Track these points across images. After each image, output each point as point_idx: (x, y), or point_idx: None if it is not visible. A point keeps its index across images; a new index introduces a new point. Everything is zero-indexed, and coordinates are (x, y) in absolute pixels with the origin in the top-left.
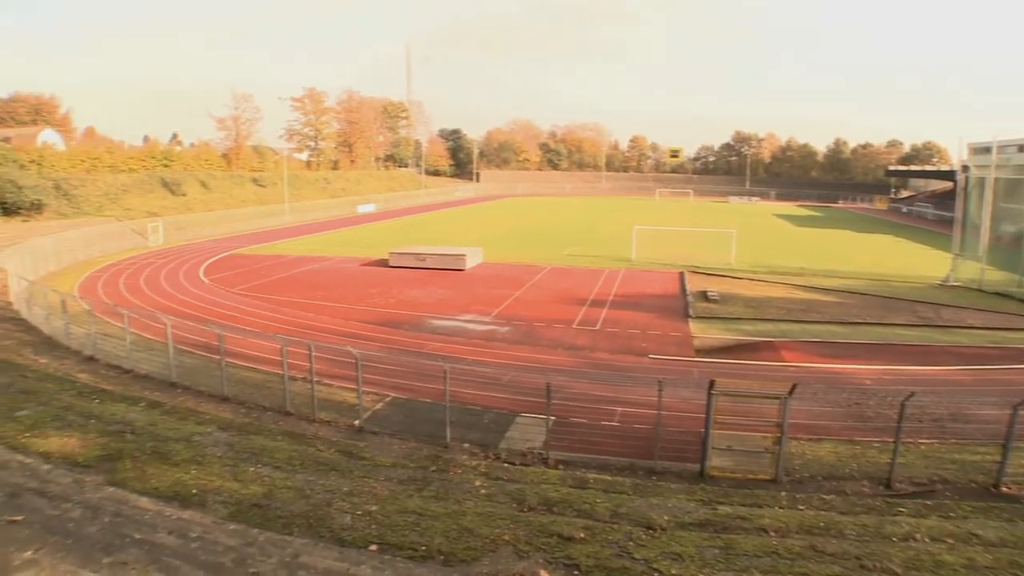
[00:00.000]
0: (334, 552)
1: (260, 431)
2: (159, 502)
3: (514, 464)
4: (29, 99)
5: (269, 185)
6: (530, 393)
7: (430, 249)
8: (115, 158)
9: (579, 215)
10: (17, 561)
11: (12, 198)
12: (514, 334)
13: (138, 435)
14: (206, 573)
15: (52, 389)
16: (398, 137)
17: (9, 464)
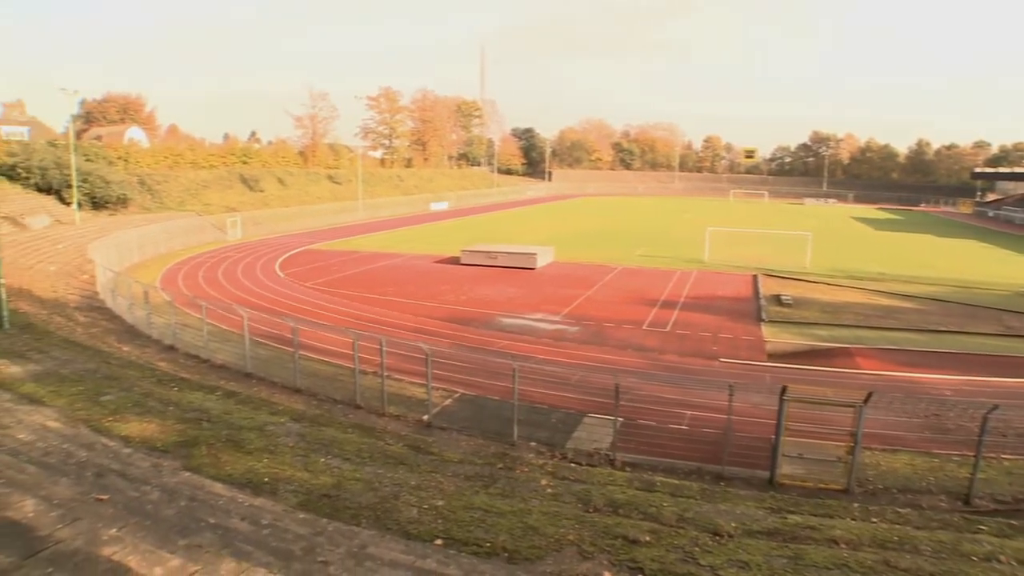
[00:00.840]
0: (400, 545)
1: (331, 423)
2: (232, 488)
3: (580, 464)
4: (118, 99)
5: (344, 182)
6: (598, 393)
7: (501, 247)
8: (196, 155)
9: (651, 216)
10: (104, 536)
11: (100, 192)
12: (583, 334)
13: (214, 423)
14: (276, 559)
15: (134, 376)
16: (471, 136)
17: (95, 446)
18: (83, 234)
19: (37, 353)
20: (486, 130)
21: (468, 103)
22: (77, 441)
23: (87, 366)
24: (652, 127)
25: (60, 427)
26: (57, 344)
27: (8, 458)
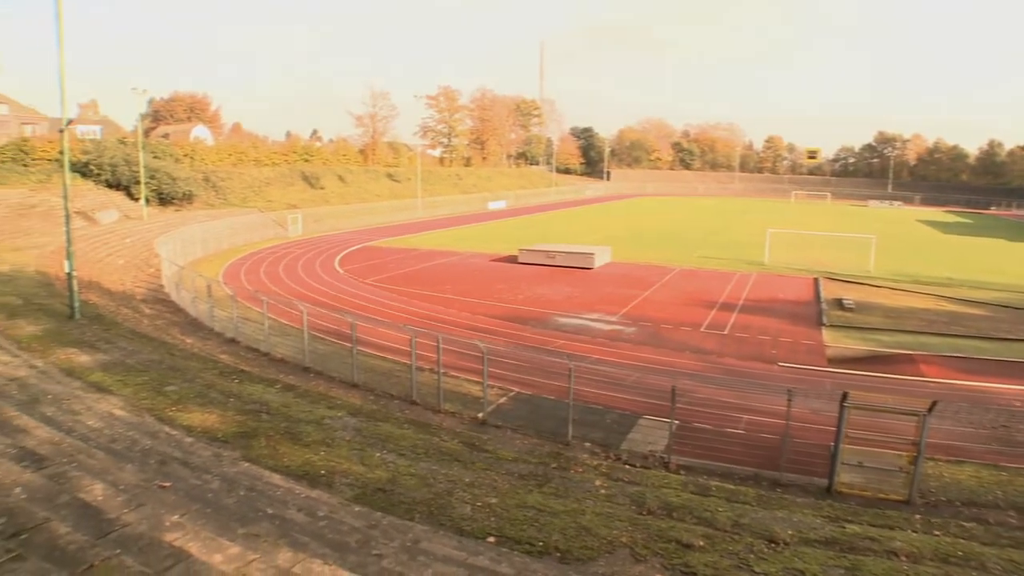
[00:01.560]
0: (453, 541)
1: (387, 418)
2: (289, 480)
3: (635, 466)
4: (185, 98)
5: (403, 180)
6: (654, 395)
7: (559, 247)
8: (259, 153)
9: (711, 216)
10: (167, 522)
11: (167, 189)
12: (640, 335)
13: (273, 415)
14: (332, 551)
15: (196, 367)
16: (530, 135)
17: (158, 434)
18: (150, 229)
19: (105, 343)
20: (545, 129)
21: (527, 102)
22: (142, 429)
23: (152, 357)
24: (712, 127)
25: (126, 415)
26: (124, 335)
27: (79, 443)
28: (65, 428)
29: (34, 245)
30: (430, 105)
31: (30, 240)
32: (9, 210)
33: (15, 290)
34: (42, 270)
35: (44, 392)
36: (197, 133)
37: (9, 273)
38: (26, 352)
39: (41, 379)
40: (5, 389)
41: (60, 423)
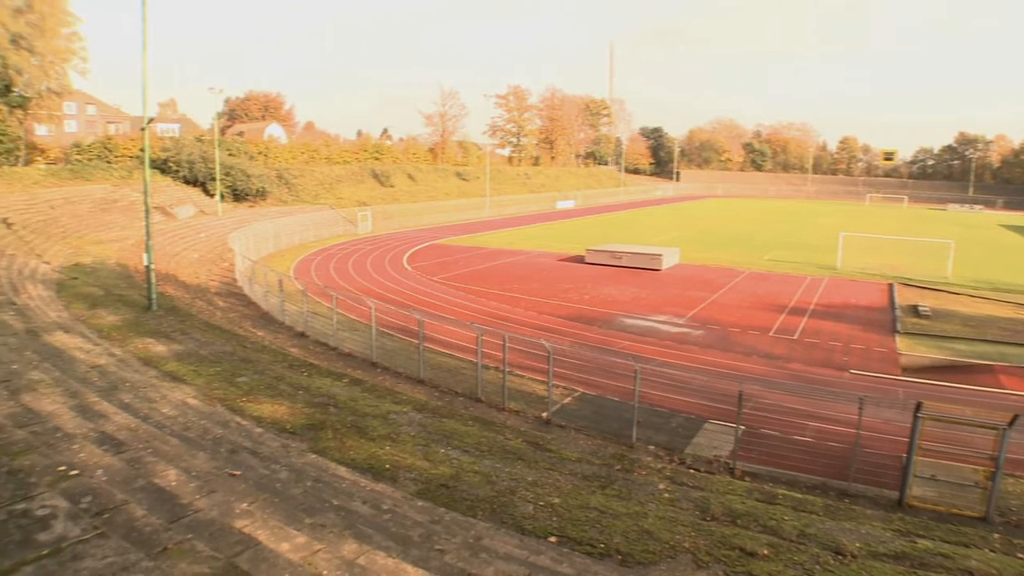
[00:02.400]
0: (515, 539)
1: (452, 415)
2: (355, 473)
3: (699, 471)
4: (259, 97)
5: (472, 179)
6: (720, 400)
7: (627, 247)
8: (331, 151)
9: (782, 219)
10: (237, 510)
11: (242, 185)
12: (707, 338)
13: (340, 409)
14: (395, 544)
15: (267, 360)
16: (599, 135)
17: (229, 424)
18: (224, 224)
19: (180, 334)
20: (614, 129)
21: (596, 102)
22: (213, 418)
23: (224, 348)
24: (784, 127)
25: (199, 404)
26: (198, 327)
27: (155, 430)
28: (142, 415)
29: (115, 238)
30: (499, 105)
31: (112, 234)
32: (93, 205)
33: (97, 281)
34: (122, 262)
35: (123, 380)
36: (271, 131)
37: (92, 265)
38: (106, 341)
39: (120, 367)
40: (87, 376)
41: (137, 410)
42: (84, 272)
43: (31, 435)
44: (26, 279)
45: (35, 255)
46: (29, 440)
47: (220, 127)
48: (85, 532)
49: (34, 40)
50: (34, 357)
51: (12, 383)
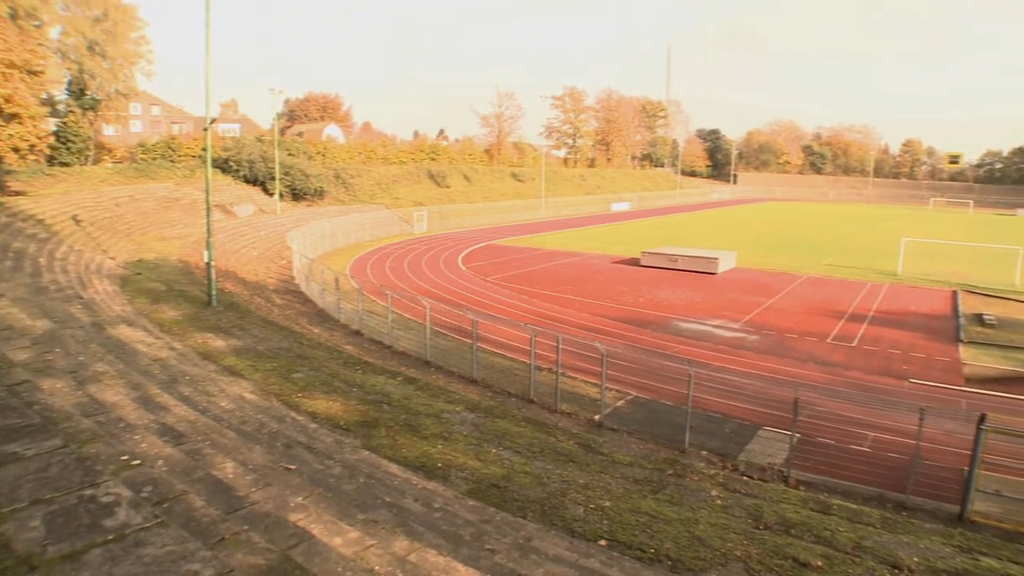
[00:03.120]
0: (565, 542)
1: (504, 415)
2: (407, 470)
3: (752, 478)
4: (318, 98)
5: (527, 180)
6: (775, 406)
7: (682, 250)
8: (387, 151)
9: (841, 223)
10: (292, 503)
11: (300, 185)
12: (763, 343)
13: (393, 407)
14: (446, 542)
15: (322, 357)
16: (655, 136)
17: (285, 419)
18: (283, 223)
19: (239, 330)
20: (671, 131)
21: (653, 103)
22: (270, 413)
23: (281, 345)
24: (845, 129)
25: (256, 399)
26: (256, 323)
27: (213, 423)
28: (200, 408)
29: (177, 235)
30: (555, 106)
31: (174, 231)
32: (156, 203)
33: (159, 277)
34: (184, 259)
35: (183, 373)
36: (329, 132)
37: (155, 261)
38: (167, 335)
39: (180, 361)
40: (149, 369)
41: (196, 403)
42: (147, 268)
43: (96, 424)
44: (93, 274)
45: (101, 251)
46: (95, 429)
47: (280, 127)
48: (146, 520)
49: (107, 45)
50: (99, 349)
51: (79, 374)
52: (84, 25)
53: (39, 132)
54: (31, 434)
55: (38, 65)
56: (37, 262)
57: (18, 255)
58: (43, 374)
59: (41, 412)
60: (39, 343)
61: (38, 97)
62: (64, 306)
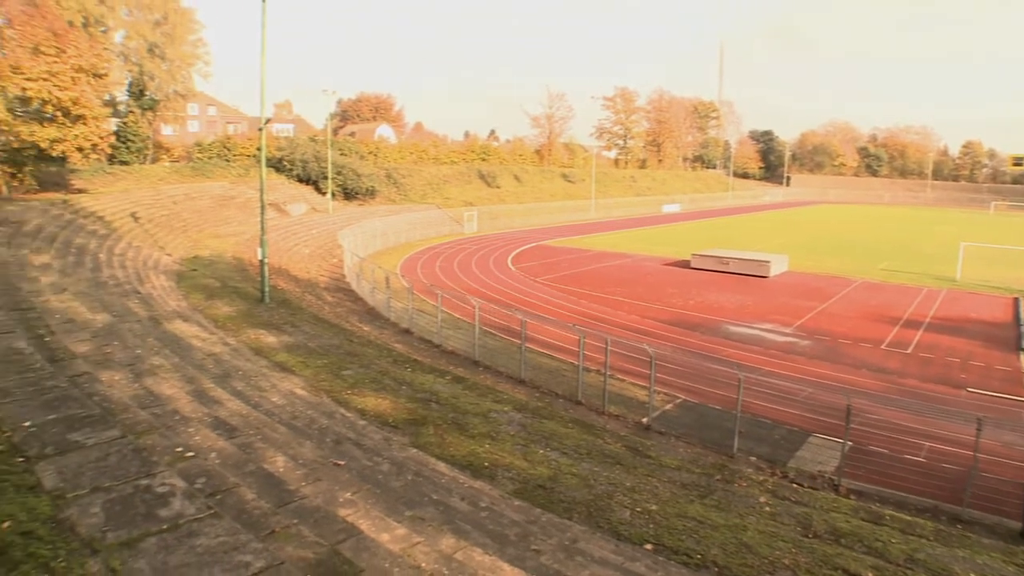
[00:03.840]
0: (610, 544)
1: (552, 416)
2: (454, 469)
3: (802, 486)
4: (370, 98)
5: (577, 181)
6: (827, 413)
7: (733, 253)
8: (438, 151)
9: (897, 227)
10: (341, 499)
11: (352, 184)
12: (815, 349)
13: (442, 405)
14: (492, 541)
15: (372, 354)
16: (707, 137)
17: (334, 415)
18: (334, 221)
19: (290, 327)
20: (723, 132)
21: (705, 104)
22: (320, 409)
23: (332, 342)
24: (902, 130)
25: (306, 395)
26: (307, 320)
27: (264, 417)
28: (252, 402)
29: (232, 233)
30: (606, 106)
31: (228, 228)
32: (212, 201)
33: (214, 273)
34: (238, 256)
35: (236, 368)
36: (381, 132)
37: (210, 258)
38: (221, 330)
39: (233, 356)
40: (203, 363)
41: (248, 397)
42: (202, 264)
43: (152, 416)
44: (150, 269)
45: (158, 247)
46: (151, 421)
47: (332, 127)
48: (200, 511)
49: (166, 48)
50: (156, 343)
51: (136, 367)
52: (145, 29)
53: (101, 132)
54: (92, 424)
55: (103, 68)
56: (97, 258)
57: (80, 251)
58: (102, 366)
59: (100, 403)
60: (99, 336)
61: (101, 98)
62: (122, 301)
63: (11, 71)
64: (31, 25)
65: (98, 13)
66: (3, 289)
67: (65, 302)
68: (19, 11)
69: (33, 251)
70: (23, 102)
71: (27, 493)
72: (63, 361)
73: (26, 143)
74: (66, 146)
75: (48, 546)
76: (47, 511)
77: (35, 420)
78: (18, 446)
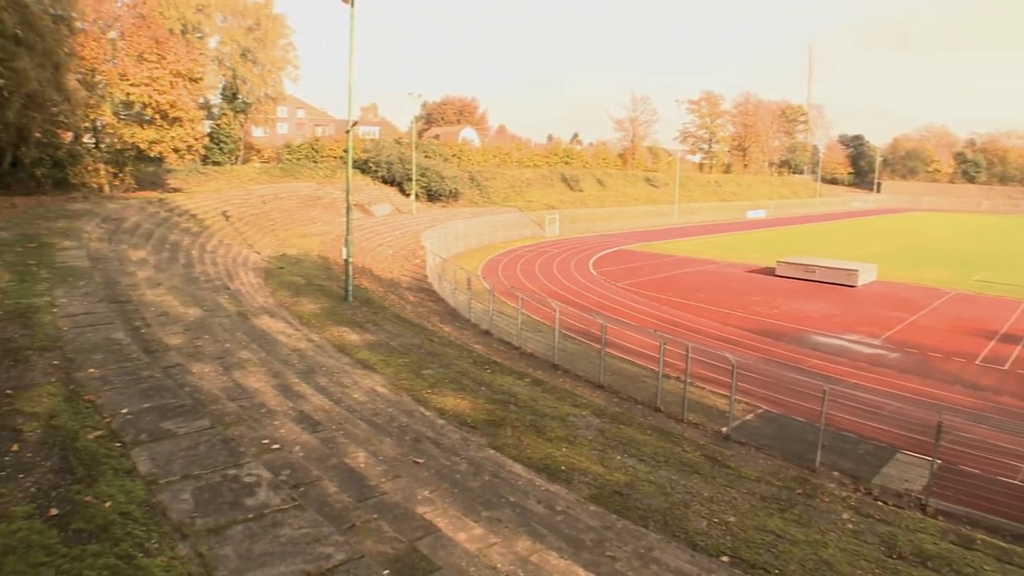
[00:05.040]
0: (686, 555)
1: (630, 422)
2: (531, 471)
3: (887, 504)
4: (455, 101)
5: (661, 185)
6: (915, 429)
7: (820, 261)
8: (521, 154)
9: (996, 236)
10: (419, 496)
11: (436, 186)
12: (904, 362)
13: (520, 407)
14: (567, 546)
15: (452, 355)
16: (794, 142)
17: (414, 413)
18: (418, 222)
19: (373, 325)
20: (811, 136)
21: (793, 108)
22: (400, 407)
23: (413, 341)
24: (1004, 135)
25: (387, 393)
26: (389, 319)
27: (346, 413)
28: (335, 398)
29: (317, 232)
30: (691, 110)
31: (314, 228)
32: (299, 201)
33: (300, 271)
34: (323, 255)
35: (319, 364)
36: (465, 135)
37: (296, 256)
38: (306, 327)
39: (317, 352)
40: (288, 358)
41: (331, 393)
42: (289, 262)
43: (240, 408)
44: (239, 266)
45: (247, 245)
46: (239, 413)
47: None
48: (284, 502)
49: (257, 52)
50: (244, 338)
51: (225, 360)
52: (239, 34)
53: (196, 134)
54: (183, 413)
55: (198, 73)
56: (190, 254)
57: (174, 247)
58: (193, 358)
59: (191, 394)
60: (190, 329)
61: (196, 102)
62: (213, 296)
63: (119, 78)
64: (138, 35)
65: (195, 21)
66: (104, 283)
67: (160, 296)
68: (130, 23)
69: (131, 247)
70: (126, 106)
71: (124, 476)
72: (157, 352)
73: (127, 144)
74: (163, 147)
75: (143, 527)
76: (141, 495)
77: (131, 408)
78: (116, 432)
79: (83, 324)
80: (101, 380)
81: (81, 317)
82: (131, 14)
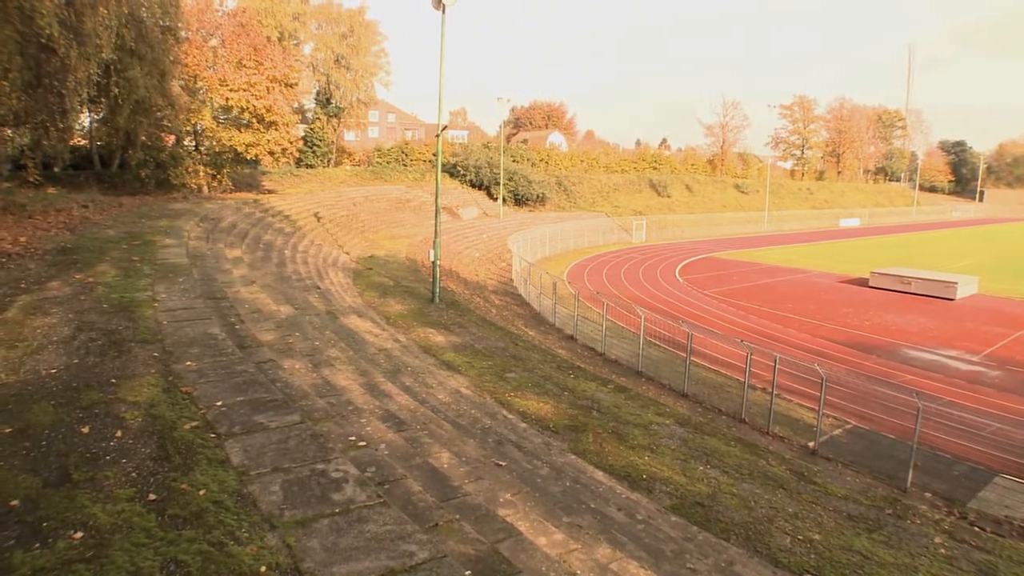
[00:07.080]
0: (768, 571)
1: (714, 433)
2: (612, 478)
3: (985, 530)
4: (543, 106)
5: (751, 192)
6: (1018, 452)
7: (916, 272)
8: (609, 159)
9: None
10: (501, 499)
11: (523, 190)
12: (1007, 380)
13: (602, 414)
14: (648, 555)
15: (536, 359)
16: (891, 148)
17: (496, 416)
18: (504, 226)
19: (458, 327)
20: (909, 142)
21: (890, 113)
22: (483, 409)
23: (497, 344)
24: None
25: (471, 394)
26: (475, 321)
27: (431, 413)
28: (420, 398)
29: (406, 234)
30: (783, 115)
31: (403, 230)
32: (389, 203)
33: (388, 272)
34: (411, 257)
35: (405, 364)
36: (553, 139)
37: (385, 257)
38: (392, 328)
39: (403, 352)
40: (375, 358)
41: (416, 393)
42: (377, 264)
43: (328, 405)
44: (329, 266)
45: (338, 246)
46: (327, 409)
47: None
48: (370, 499)
49: (351, 58)
50: (332, 336)
51: (315, 357)
52: (333, 41)
53: (291, 137)
54: (275, 408)
55: (294, 78)
56: (283, 253)
57: (268, 247)
58: (285, 355)
59: (282, 389)
60: (282, 327)
61: (291, 106)
62: (304, 295)
63: (219, 84)
64: (237, 43)
65: (292, 28)
66: (201, 279)
67: (253, 293)
68: (230, 31)
69: (227, 245)
70: (225, 110)
71: (217, 467)
72: (251, 348)
73: (225, 147)
74: (259, 150)
75: (234, 516)
76: (233, 485)
77: (226, 400)
78: (211, 423)
79: (181, 319)
80: (197, 373)
81: (180, 312)
82: (231, 23)
